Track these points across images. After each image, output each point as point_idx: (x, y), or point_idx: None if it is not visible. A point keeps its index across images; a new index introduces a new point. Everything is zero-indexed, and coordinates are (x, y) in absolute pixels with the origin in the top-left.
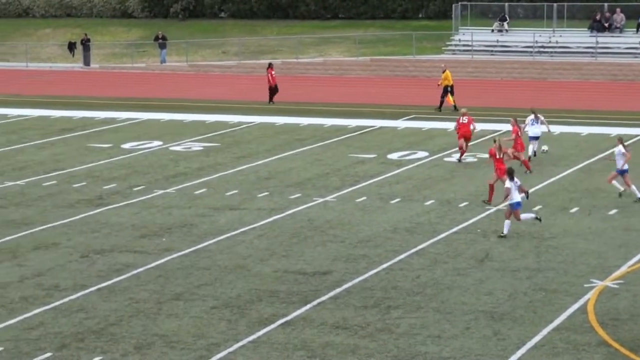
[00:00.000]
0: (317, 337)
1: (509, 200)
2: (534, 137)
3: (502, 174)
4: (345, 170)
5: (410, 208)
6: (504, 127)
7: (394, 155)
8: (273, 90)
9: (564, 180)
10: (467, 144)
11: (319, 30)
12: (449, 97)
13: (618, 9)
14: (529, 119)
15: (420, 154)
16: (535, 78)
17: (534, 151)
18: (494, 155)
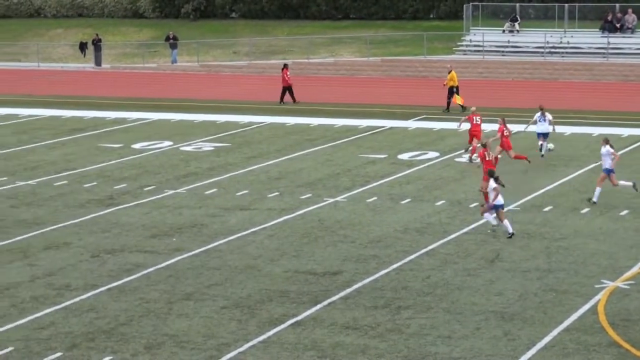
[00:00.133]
0: (328, 337)
1: (495, 201)
2: (542, 134)
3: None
4: (356, 171)
5: (420, 208)
6: (515, 127)
7: (404, 156)
8: (289, 90)
9: (575, 181)
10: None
11: (329, 30)
12: (455, 97)
13: (630, 10)
14: (537, 116)
15: (431, 154)
16: (546, 79)
17: (548, 149)
18: (483, 158)
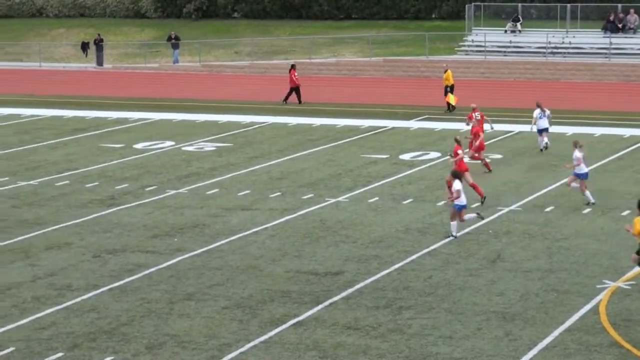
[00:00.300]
0: (329, 338)
1: (456, 202)
2: (543, 130)
3: (462, 171)
4: (358, 171)
5: (422, 208)
6: (517, 127)
7: (406, 156)
8: (296, 91)
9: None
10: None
11: (331, 30)
12: (449, 96)
13: (632, 10)
14: (537, 113)
15: (433, 154)
16: (548, 79)
17: (545, 144)
18: (457, 154)
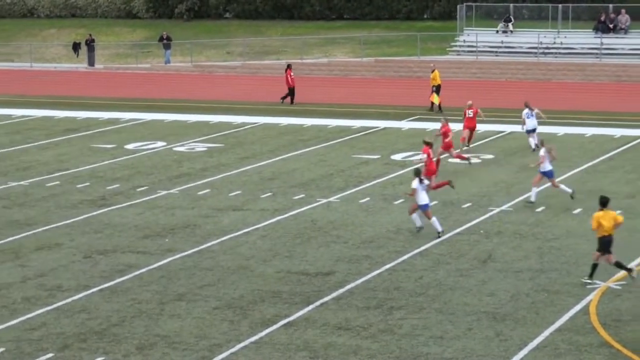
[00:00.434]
0: (320, 338)
1: (417, 202)
2: (531, 130)
3: (429, 174)
4: (349, 171)
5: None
6: (508, 127)
7: (397, 156)
8: (291, 91)
9: (568, 181)
10: (472, 135)
11: (323, 31)
12: (433, 96)
13: (623, 10)
14: (525, 113)
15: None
16: (539, 79)
17: (535, 144)
18: (428, 154)
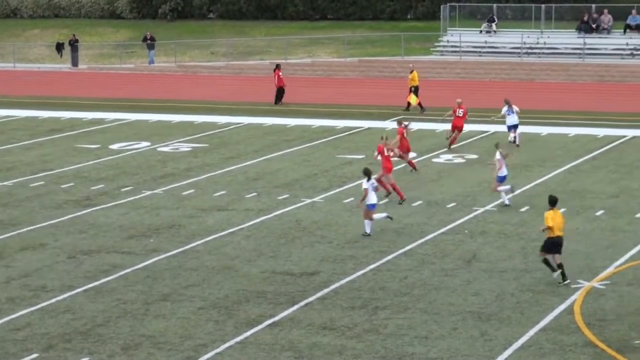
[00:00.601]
0: (305, 338)
1: (365, 201)
2: (512, 126)
3: (387, 172)
4: (333, 171)
5: (397, 209)
6: (492, 128)
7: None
8: (278, 91)
9: (551, 182)
10: (457, 135)
11: (307, 31)
12: (411, 96)
13: (605, 10)
14: (505, 110)
15: (409, 155)
16: (523, 79)
17: (514, 137)
18: (382, 152)
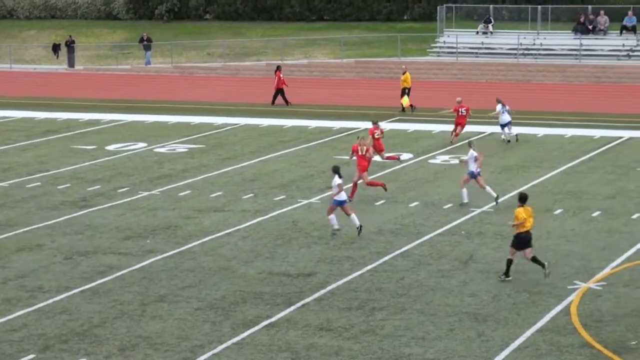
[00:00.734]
0: (301, 339)
1: (336, 197)
2: (506, 124)
3: (363, 170)
4: (330, 172)
5: (394, 210)
6: (489, 128)
7: (378, 157)
8: (276, 92)
9: (548, 182)
10: (461, 129)
11: (303, 32)
12: (404, 98)
13: (602, 12)
14: (499, 108)
15: (405, 155)
16: (519, 80)
17: (508, 134)
18: (356, 151)
